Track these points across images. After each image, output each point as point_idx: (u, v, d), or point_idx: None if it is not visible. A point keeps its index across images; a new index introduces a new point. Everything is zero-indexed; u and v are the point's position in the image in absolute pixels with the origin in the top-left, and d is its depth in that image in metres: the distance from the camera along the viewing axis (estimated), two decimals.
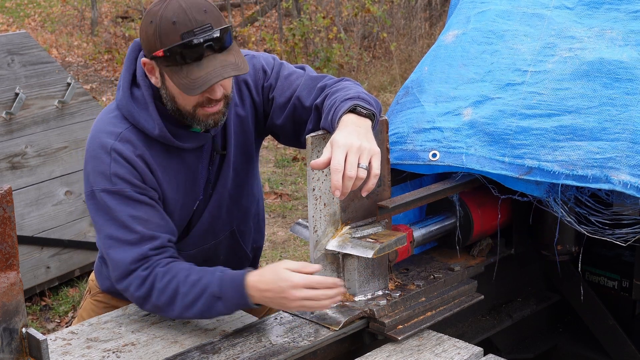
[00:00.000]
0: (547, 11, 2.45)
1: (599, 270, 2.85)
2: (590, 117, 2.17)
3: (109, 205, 2.04)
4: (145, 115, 2.06)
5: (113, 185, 2.03)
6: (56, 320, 4.35)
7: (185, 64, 1.93)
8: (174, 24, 1.91)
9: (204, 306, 1.99)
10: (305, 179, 1.89)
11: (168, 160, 2.11)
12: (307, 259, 4.97)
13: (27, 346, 1.52)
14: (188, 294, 1.98)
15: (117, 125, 2.08)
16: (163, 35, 1.92)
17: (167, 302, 2.01)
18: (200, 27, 1.92)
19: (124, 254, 2.03)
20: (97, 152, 2.06)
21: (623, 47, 2.28)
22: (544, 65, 2.31)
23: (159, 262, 2.03)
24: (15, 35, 4.45)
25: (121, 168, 2.03)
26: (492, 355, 2.00)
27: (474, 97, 2.35)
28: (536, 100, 2.25)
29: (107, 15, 13.28)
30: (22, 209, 4.27)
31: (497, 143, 2.24)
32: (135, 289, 2.03)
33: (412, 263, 2.38)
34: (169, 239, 2.08)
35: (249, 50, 2.32)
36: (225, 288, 1.97)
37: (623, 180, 2.06)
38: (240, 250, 2.39)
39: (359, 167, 1.86)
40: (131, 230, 2.03)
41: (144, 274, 2.02)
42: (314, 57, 9.48)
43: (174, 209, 2.16)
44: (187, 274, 2.00)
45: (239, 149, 2.24)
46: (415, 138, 2.35)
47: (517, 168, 2.19)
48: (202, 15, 1.93)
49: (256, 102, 2.24)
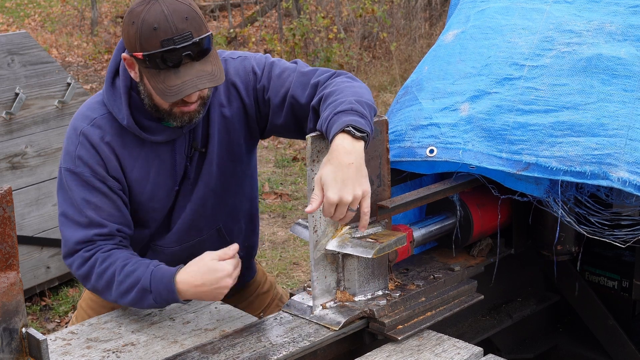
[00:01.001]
0: (546, 5, 2.43)
1: (598, 271, 2.85)
2: (587, 113, 2.16)
3: (69, 185, 2.14)
4: (118, 104, 2.12)
5: (75, 167, 2.13)
6: (56, 320, 4.35)
7: (163, 69, 1.98)
8: (154, 30, 1.94)
9: (136, 297, 2.08)
10: (305, 179, 1.88)
11: (139, 150, 2.17)
12: (307, 259, 4.96)
13: (27, 346, 1.52)
14: (122, 283, 2.08)
15: (96, 110, 2.16)
16: (143, 39, 1.96)
17: (104, 287, 2.11)
18: (180, 35, 1.95)
19: (72, 232, 2.13)
20: (70, 133, 2.16)
21: (622, 42, 2.27)
22: (542, 59, 2.30)
23: (101, 247, 2.12)
24: (15, 35, 4.45)
25: (86, 152, 2.12)
26: (492, 355, 2.00)
27: (471, 92, 2.33)
28: (533, 96, 2.24)
29: (107, 15, 13.29)
30: (22, 209, 4.27)
31: (494, 139, 2.23)
32: (77, 267, 2.14)
33: (412, 263, 2.38)
34: (119, 229, 2.15)
35: (243, 51, 2.33)
36: (155, 283, 2.05)
37: (622, 177, 2.04)
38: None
39: (348, 210, 1.92)
40: (82, 213, 2.12)
41: (85, 255, 2.12)
42: (314, 57, 9.48)
43: (143, 198, 2.21)
44: (125, 263, 2.09)
45: (224, 148, 2.26)
46: (412, 135, 2.34)
47: (514, 164, 2.18)
48: (183, 22, 1.95)
49: (246, 103, 2.25)
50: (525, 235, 2.60)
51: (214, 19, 12.48)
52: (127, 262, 2.09)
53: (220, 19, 12.49)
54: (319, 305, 2.09)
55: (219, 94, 2.23)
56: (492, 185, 2.32)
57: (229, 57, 2.27)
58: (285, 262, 5.02)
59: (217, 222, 2.34)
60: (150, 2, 1.96)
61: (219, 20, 12.41)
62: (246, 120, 2.27)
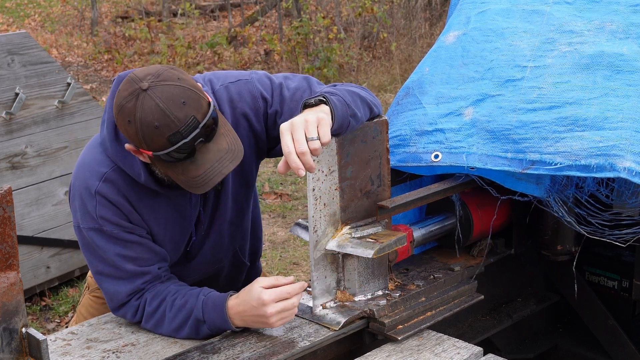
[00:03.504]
0: (546, 7, 2.43)
1: (599, 270, 2.85)
2: (591, 108, 2.13)
3: (97, 244, 2.06)
4: (130, 162, 2.00)
5: (100, 226, 2.04)
6: (56, 320, 4.34)
7: (179, 161, 1.86)
8: (156, 128, 1.80)
9: (191, 330, 2.04)
10: (305, 179, 1.88)
11: (153, 200, 2.08)
12: (307, 259, 4.96)
13: (27, 346, 1.52)
14: (175, 319, 2.04)
15: (102, 163, 2.03)
16: (148, 139, 1.83)
17: (156, 325, 2.07)
18: (185, 125, 1.81)
19: (118, 287, 2.08)
20: (83, 193, 2.04)
21: (623, 40, 2.27)
22: (544, 60, 2.30)
23: (149, 289, 2.09)
24: (15, 35, 4.45)
25: (107, 211, 2.02)
26: (492, 355, 2.00)
27: (474, 96, 2.34)
28: (536, 94, 2.23)
29: (107, 15, 13.29)
30: (22, 209, 4.27)
31: (498, 139, 2.22)
32: (131, 317, 2.11)
33: (412, 263, 2.38)
34: (159, 267, 2.11)
35: (238, 71, 2.23)
36: (207, 313, 2.01)
37: (628, 167, 2.01)
38: (241, 262, 2.39)
39: (309, 140, 1.82)
40: (120, 268, 2.06)
41: (136, 304, 2.09)
42: (314, 57, 9.47)
43: (163, 244, 2.15)
44: (174, 298, 2.05)
45: (238, 180, 2.20)
46: (418, 140, 2.34)
47: (519, 163, 2.16)
48: (182, 109, 1.81)
49: (256, 130, 2.17)
50: (525, 235, 2.60)
51: (214, 19, 12.48)
52: (177, 296, 2.04)
53: (220, 19, 12.49)
54: (319, 305, 2.09)
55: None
56: (490, 187, 2.32)
57: (227, 82, 2.15)
58: (285, 262, 5.02)
59: (234, 247, 2.32)
60: (140, 97, 1.81)
61: (219, 20, 12.42)
62: (256, 147, 2.20)
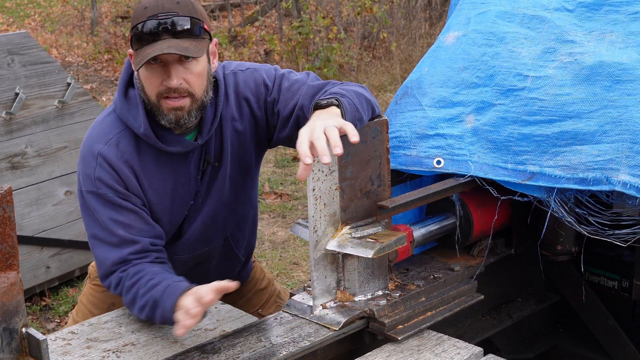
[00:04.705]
0: (547, 13, 2.45)
1: (599, 270, 2.85)
2: (591, 121, 2.19)
3: (94, 206, 2.12)
4: (134, 114, 2.11)
5: (97, 189, 2.10)
6: (56, 320, 4.34)
7: (144, 46, 1.99)
8: (145, 9, 1.99)
9: (150, 310, 2.00)
10: (305, 179, 1.89)
11: (156, 166, 2.14)
12: (307, 259, 4.96)
13: (27, 346, 1.52)
14: (143, 296, 2.02)
15: (110, 129, 2.14)
16: (134, 18, 2.01)
17: (130, 301, 2.07)
18: (165, 13, 1.98)
19: (106, 254, 2.11)
20: (86, 155, 2.13)
21: (623, 49, 2.29)
22: (545, 70, 2.32)
23: (136, 264, 2.09)
24: (15, 35, 4.45)
25: (105, 174, 2.09)
26: (492, 355, 2.00)
27: (475, 103, 2.37)
28: (537, 106, 2.27)
29: (107, 15, 13.28)
30: (22, 209, 4.27)
31: (499, 150, 2.28)
32: (114, 288, 2.12)
33: (412, 263, 2.38)
34: (152, 242, 2.12)
35: (251, 62, 2.31)
36: (164, 297, 1.96)
37: (623, 180, 2.08)
38: (233, 254, 2.40)
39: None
40: (112, 232, 2.09)
41: (120, 275, 2.09)
42: (314, 57, 9.48)
43: (162, 215, 2.19)
44: (151, 277, 2.04)
45: (236, 162, 2.25)
46: (418, 144, 2.37)
47: (519, 174, 2.23)
48: (172, 4, 1.99)
49: (257, 116, 2.24)
50: (525, 235, 2.60)
51: (214, 19, 12.48)
52: (154, 276, 2.04)
53: (220, 19, 12.49)
54: (319, 305, 2.09)
55: (231, 108, 2.21)
56: (490, 187, 2.33)
57: (237, 69, 2.25)
58: (285, 262, 5.02)
59: (225, 232, 2.34)
60: None
61: (219, 20, 12.42)
62: (256, 133, 2.26)
